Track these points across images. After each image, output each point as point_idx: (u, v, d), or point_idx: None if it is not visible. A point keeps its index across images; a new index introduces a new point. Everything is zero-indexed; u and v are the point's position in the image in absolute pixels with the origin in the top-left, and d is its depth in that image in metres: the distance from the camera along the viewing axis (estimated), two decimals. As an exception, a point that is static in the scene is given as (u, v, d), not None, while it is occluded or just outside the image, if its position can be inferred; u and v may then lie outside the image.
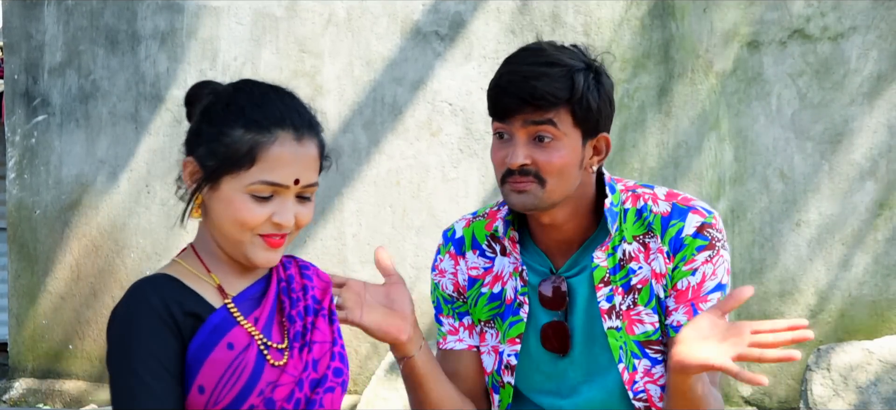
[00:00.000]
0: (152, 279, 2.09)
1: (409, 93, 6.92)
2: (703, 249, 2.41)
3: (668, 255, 2.41)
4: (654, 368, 2.41)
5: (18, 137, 7.86)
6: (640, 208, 2.43)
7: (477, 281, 2.50)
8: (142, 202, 7.49)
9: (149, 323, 2.01)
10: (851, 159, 6.09)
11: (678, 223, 2.41)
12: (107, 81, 7.58)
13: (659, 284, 2.40)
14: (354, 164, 7.01)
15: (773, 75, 6.22)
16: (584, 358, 2.42)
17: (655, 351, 2.41)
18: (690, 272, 2.41)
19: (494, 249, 2.50)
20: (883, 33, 6.03)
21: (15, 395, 7.81)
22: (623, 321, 2.40)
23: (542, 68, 2.33)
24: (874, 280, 6.07)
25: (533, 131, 2.34)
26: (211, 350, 2.04)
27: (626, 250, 2.41)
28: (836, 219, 6.13)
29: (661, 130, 6.41)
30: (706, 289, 2.43)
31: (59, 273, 7.73)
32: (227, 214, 2.09)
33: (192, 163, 2.11)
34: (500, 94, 2.38)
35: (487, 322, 2.49)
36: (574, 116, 2.34)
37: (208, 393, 2.03)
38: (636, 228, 2.42)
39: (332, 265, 7.05)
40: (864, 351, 5.83)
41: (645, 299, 2.40)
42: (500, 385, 2.47)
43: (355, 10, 6.99)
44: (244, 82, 2.18)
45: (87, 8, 7.64)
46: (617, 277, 2.41)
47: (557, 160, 2.33)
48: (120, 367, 2.01)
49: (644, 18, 6.41)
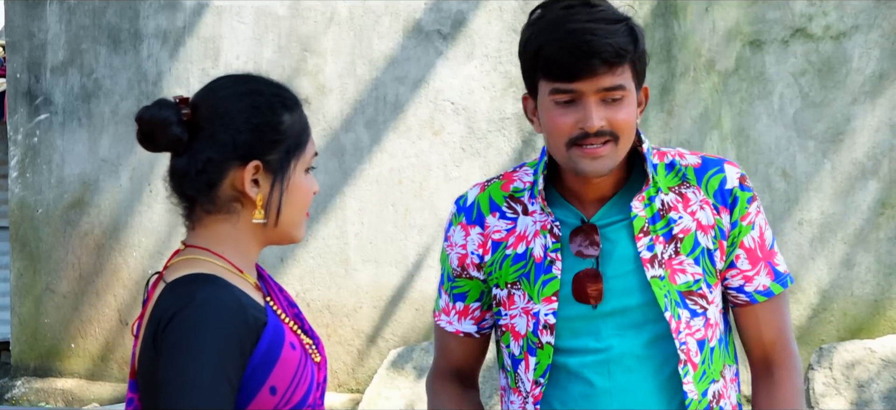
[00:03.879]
0: (211, 278, 2.01)
1: (412, 91, 6.92)
2: (751, 201, 2.39)
3: (716, 207, 2.38)
4: (693, 320, 2.37)
5: (21, 135, 7.87)
6: (669, 162, 2.41)
7: (500, 244, 2.43)
8: (144, 201, 7.50)
9: (221, 327, 1.94)
10: (853, 157, 6.09)
11: (718, 174, 2.39)
12: (109, 79, 7.59)
13: (707, 236, 2.37)
14: (356, 162, 7.01)
15: (775, 74, 6.21)
16: (619, 312, 2.37)
17: (695, 303, 2.37)
18: (750, 226, 2.38)
19: (515, 209, 2.44)
20: (885, 32, 6.03)
21: (17, 393, 7.82)
22: (665, 269, 2.36)
23: (607, 25, 2.26)
24: (876, 279, 6.07)
25: (605, 94, 2.27)
26: (280, 350, 2.00)
27: (664, 201, 2.37)
28: (838, 218, 6.13)
29: (663, 129, 6.40)
30: (768, 242, 2.42)
31: (61, 272, 7.73)
32: (296, 199, 2.07)
33: (256, 165, 2.04)
34: (566, 55, 2.26)
35: (514, 284, 2.42)
36: (634, 71, 2.30)
37: (280, 394, 2.00)
38: (670, 179, 2.39)
39: (335, 263, 7.05)
40: (866, 350, 5.83)
41: (688, 248, 2.37)
42: (537, 346, 2.40)
43: (357, 9, 6.99)
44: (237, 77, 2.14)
45: (90, 7, 7.64)
46: (657, 226, 2.36)
47: (628, 117, 2.29)
48: (186, 368, 1.92)
49: (646, 17, 6.41)
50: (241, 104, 2.07)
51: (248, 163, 2.04)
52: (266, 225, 2.07)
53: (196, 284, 1.98)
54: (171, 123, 2.04)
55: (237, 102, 2.07)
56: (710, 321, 2.38)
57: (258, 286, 2.08)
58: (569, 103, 2.29)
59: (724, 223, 2.38)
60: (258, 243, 2.10)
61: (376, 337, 6.91)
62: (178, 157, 2.07)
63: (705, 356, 2.38)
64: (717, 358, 2.40)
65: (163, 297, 2.00)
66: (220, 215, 2.07)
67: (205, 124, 2.06)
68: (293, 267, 7.13)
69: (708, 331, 2.38)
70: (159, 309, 1.98)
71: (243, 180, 2.04)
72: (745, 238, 2.38)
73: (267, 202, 2.06)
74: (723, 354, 2.41)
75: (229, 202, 2.06)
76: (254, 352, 1.98)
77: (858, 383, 5.78)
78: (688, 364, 2.36)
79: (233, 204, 2.07)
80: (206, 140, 2.05)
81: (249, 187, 2.04)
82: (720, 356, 2.41)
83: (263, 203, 2.06)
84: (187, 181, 2.07)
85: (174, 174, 2.09)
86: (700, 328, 2.37)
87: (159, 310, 1.98)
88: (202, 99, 2.09)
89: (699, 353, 2.37)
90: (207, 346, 1.92)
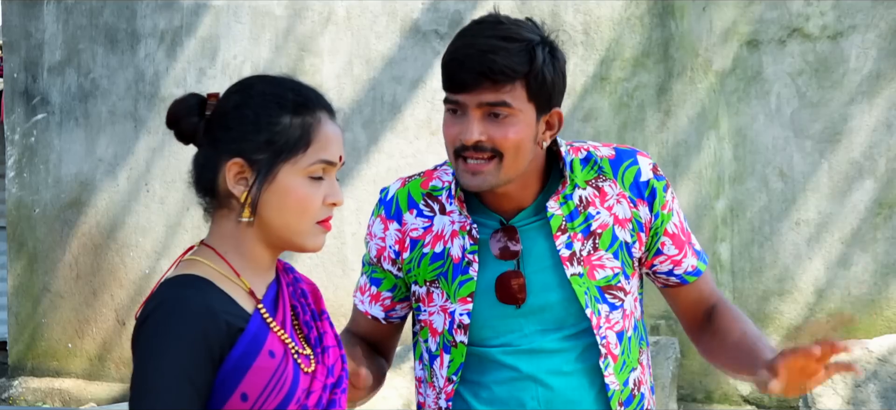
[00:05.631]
0: (189, 280, 2.02)
1: (409, 91, 6.92)
2: (667, 189, 2.48)
3: (633, 200, 2.44)
4: (612, 313, 2.43)
5: (18, 135, 7.86)
6: (585, 156, 2.46)
7: (418, 243, 2.48)
8: (141, 201, 7.50)
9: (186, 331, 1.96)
10: (851, 157, 6.09)
11: (633, 166, 2.45)
12: (106, 79, 7.58)
13: (624, 229, 2.44)
14: (354, 162, 7.01)
15: (772, 74, 6.22)
16: (540, 309, 2.42)
17: (614, 297, 2.44)
18: (670, 213, 2.47)
19: (432, 208, 2.48)
20: (882, 32, 6.04)
21: (14, 394, 7.82)
22: (584, 266, 2.41)
23: (501, 43, 2.30)
24: (873, 279, 6.08)
25: (487, 109, 2.31)
26: (255, 358, 2.01)
27: (582, 196, 2.42)
28: (835, 218, 6.13)
29: (660, 129, 6.41)
30: (686, 225, 2.53)
31: (59, 272, 7.73)
32: (287, 204, 2.06)
33: (238, 163, 2.04)
34: (456, 67, 2.32)
35: (432, 283, 2.47)
36: (528, 91, 2.32)
37: (252, 401, 2.00)
38: (587, 173, 2.44)
39: (332, 263, 7.05)
40: (863, 350, 5.84)
41: (606, 243, 2.42)
42: (451, 345, 2.45)
43: (355, 9, 6.99)
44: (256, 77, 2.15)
45: (87, 7, 7.64)
46: (575, 224, 2.41)
47: (513, 136, 2.32)
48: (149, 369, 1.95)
49: (643, 17, 6.42)
50: (238, 100, 2.08)
51: (231, 159, 2.05)
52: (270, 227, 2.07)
53: (172, 286, 2.01)
54: (190, 113, 2.08)
55: (235, 98, 2.09)
56: (627, 311, 2.46)
57: (252, 293, 2.07)
58: (455, 114, 2.35)
59: (642, 216, 2.45)
60: (262, 245, 2.10)
61: (374, 337, 6.91)
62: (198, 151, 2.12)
63: (625, 347, 2.46)
64: (633, 347, 2.48)
65: (148, 298, 2.04)
66: (224, 212, 2.09)
67: (213, 120, 2.08)
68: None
69: (625, 322, 2.46)
70: (142, 310, 2.02)
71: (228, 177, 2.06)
72: (667, 225, 2.47)
73: (255, 202, 2.06)
74: (637, 341, 2.50)
75: (226, 199, 2.08)
76: (227, 358, 1.99)
77: (855, 382, 5.79)
78: (608, 357, 2.44)
79: (230, 201, 2.07)
80: (210, 135, 2.08)
81: (232, 183, 2.05)
82: (636, 343, 2.49)
83: (247, 202, 2.05)
84: (195, 176, 2.11)
85: (192, 169, 2.12)
86: (618, 321, 2.45)
87: (142, 311, 2.02)
88: (223, 96, 2.12)
89: (618, 345, 2.45)
90: (170, 348, 1.95)
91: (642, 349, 2.52)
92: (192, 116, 2.08)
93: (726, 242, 6.30)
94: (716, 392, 6.36)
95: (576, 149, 2.46)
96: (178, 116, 2.09)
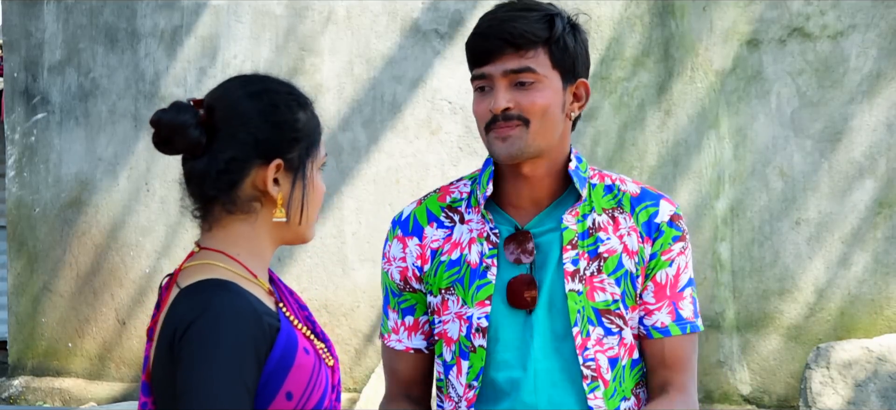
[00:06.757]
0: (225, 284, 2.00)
1: (409, 91, 6.92)
2: (678, 240, 2.44)
3: (642, 236, 2.43)
4: (606, 338, 2.41)
5: (18, 135, 7.87)
6: (609, 185, 2.47)
7: (437, 252, 2.48)
8: (141, 200, 7.50)
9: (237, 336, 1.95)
10: (851, 157, 6.09)
11: (651, 207, 2.44)
12: (106, 79, 7.59)
13: (632, 260, 2.43)
14: (354, 162, 7.01)
15: (772, 74, 6.22)
16: (545, 322, 2.42)
17: (611, 322, 2.42)
18: (668, 262, 2.43)
19: (452, 219, 2.50)
20: (882, 32, 6.03)
21: (14, 393, 7.82)
22: (585, 285, 2.41)
23: (521, 12, 2.37)
24: (873, 278, 6.08)
25: (513, 77, 2.36)
26: (294, 356, 2.01)
27: (596, 220, 2.43)
28: (835, 217, 6.13)
29: (660, 128, 6.41)
30: (682, 283, 2.45)
31: (59, 271, 7.73)
32: (314, 198, 2.11)
33: (278, 164, 2.06)
34: (478, 39, 2.37)
35: (447, 289, 2.46)
36: (552, 58, 2.37)
37: (296, 399, 2.00)
38: (606, 201, 2.45)
39: (332, 263, 7.05)
40: (863, 349, 5.84)
41: (610, 268, 2.42)
42: (470, 350, 2.44)
43: (355, 9, 6.99)
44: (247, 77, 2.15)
45: (87, 6, 7.64)
46: (585, 243, 2.42)
47: (541, 101, 2.35)
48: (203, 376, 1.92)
49: (644, 16, 6.42)
50: (260, 103, 2.07)
51: (270, 161, 2.05)
52: (285, 224, 2.08)
53: (212, 291, 1.98)
54: (189, 126, 2.04)
55: (255, 102, 2.08)
56: (625, 340, 2.43)
57: (271, 292, 2.08)
58: (484, 90, 2.39)
59: (645, 253, 2.43)
60: (273, 243, 2.11)
61: (373, 337, 6.91)
62: (196, 159, 2.07)
63: (617, 374, 2.42)
64: (628, 376, 2.44)
65: (178, 303, 2.00)
66: (239, 215, 2.08)
67: (222, 125, 2.05)
68: (291, 267, 7.13)
69: (621, 350, 2.42)
70: (175, 317, 1.98)
71: (265, 179, 2.05)
72: (658, 273, 2.43)
73: (288, 201, 2.07)
74: (635, 374, 2.46)
75: (249, 202, 2.07)
76: (268, 359, 1.99)
77: (855, 382, 5.79)
78: (598, 381, 2.41)
79: (252, 204, 2.07)
80: (227, 140, 2.05)
81: (271, 185, 2.06)
82: (632, 374, 2.45)
83: (284, 202, 2.07)
84: (208, 182, 2.06)
85: (193, 176, 2.07)
86: (613, 347, 2.42)
87: (175, 318, 1.98)
88: (217, 100, 2.09)
89: (610, 370, 2.42)
90: (225, 354, 1.93)
91: (639, 382, 2.47)
92: (191, 129, 2.04)
93: (726, 241, 6.30)
94: (716, 391, 6.36)
95: (602, 176, 2.47)
96: (174, 132, 2.04)
